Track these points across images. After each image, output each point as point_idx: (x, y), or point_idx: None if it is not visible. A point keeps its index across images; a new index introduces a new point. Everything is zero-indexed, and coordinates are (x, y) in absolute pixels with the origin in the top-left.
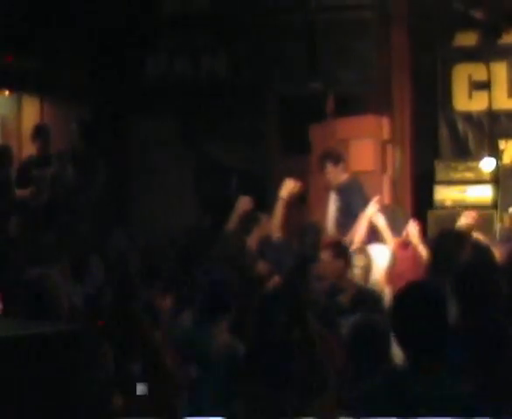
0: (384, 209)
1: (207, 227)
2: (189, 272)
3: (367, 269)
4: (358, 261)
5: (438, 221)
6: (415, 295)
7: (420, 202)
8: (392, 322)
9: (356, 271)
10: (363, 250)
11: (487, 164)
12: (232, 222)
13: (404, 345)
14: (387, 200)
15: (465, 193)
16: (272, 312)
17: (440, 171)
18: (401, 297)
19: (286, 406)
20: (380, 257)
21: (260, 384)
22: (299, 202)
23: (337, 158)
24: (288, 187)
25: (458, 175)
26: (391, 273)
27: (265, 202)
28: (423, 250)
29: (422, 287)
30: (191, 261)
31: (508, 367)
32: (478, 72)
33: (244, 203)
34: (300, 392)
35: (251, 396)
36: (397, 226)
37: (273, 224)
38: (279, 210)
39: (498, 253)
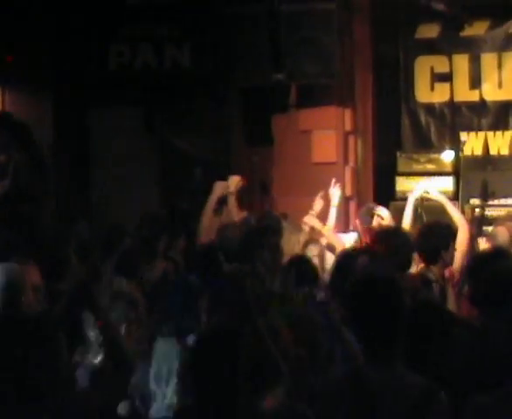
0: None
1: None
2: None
3: (321, 258)
4: (313, 250)
5: (399, 212)
6: (370, 286)
7: (382, 194)
8: (349, 312)
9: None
10: (316, 240)
11: (449, 156)
12: (209, 205)
13: (360, 335)
14: (349, 191)
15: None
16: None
17: (402, 162)
18: (357, 287)
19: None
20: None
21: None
22: (262, 193)
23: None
24: (234, 182)
25: (420, 167)
26: None
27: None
28: None
29: (377, 277)
30: (152, 251)
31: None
32: (440, 63)
33: (219, 187)
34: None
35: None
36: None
37: (230, 217)
38: (232, 204)
39: None
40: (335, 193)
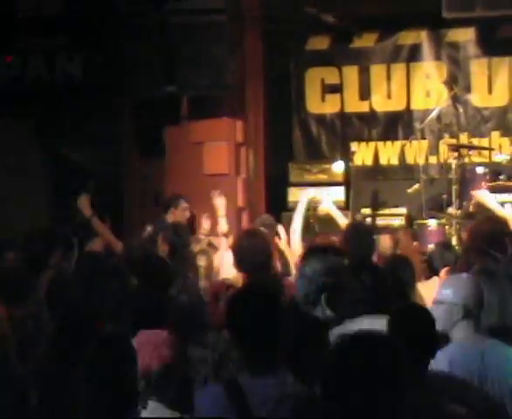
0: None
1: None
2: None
3: (209, 268)
4: (201, 261)
5: (291, 222)
6: (250, 293)
7: (274, 204)
8: (227, 320)
9: (200, 271)
10: (205, 251)
11: (340, 166)
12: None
13: (240, 344)
14: (241, 202)
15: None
16: None
17: (294, 173)
18: (236, 295)
19: None
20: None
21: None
22: (154, 205)
23: None
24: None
25: (311, 177)
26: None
27: (122, 204)
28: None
29: (256, 286)
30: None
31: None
32: (330, 75)
33: None
34: None
35: None
36: None
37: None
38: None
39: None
40: (219, 203)
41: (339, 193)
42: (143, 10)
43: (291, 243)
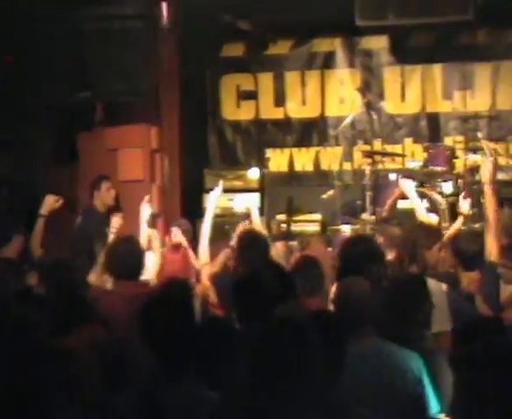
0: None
1: None
2: None
3: None
4: None
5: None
6: (163, 298)
7: (190, 211)
8: (140, 325)
9: None
10: None
11: (255, 172)
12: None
13: (153, 350)
14: (157, 209)
15: (234, 201)
16: None
17: (209, 180)
18: (147, 303)
19: None
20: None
21: None
22: (68, 213)
23: None
24: (48, 203)
25: (227, 184)
26: (162, 274)
27: (36, 212)
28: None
29: (170, 289)
30: None
31: None
32: (246, 81)
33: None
34: None
35: None
36: None
37: (33, 242)
38: (39, 228)
39: None
40: (144, 209)
41: (254, 199)
42: (58, 15)
43: (199, 247)
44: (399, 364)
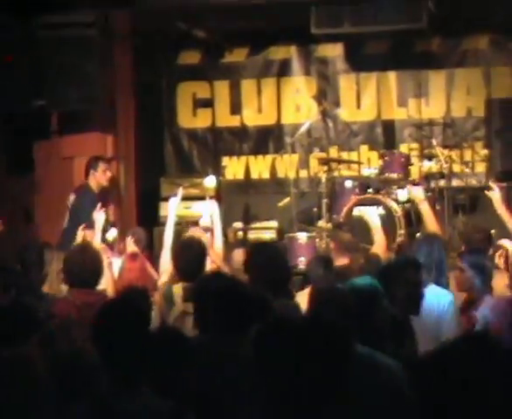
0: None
1: None
2: None
3: None
4: None
5: (163, 237)
6: (117, 306)
7: (146, 219)
8: (93, 334)
9: None
10: None
11: (211, 180)
12: None
13: (106, 359)
14: (113, 217)
15: (190, 209)
16: None
17: (166, 187)
18: (101, 311)
19: None
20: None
21: None
22: (26, 221)
23: None
24: None
25: (183, 192)
26: (120, 283)
27: None
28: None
29: (125, 298)
30: None
31: None
32: (202, 89)
33: None
34: None
35: None
36: None
37: None
38: None
39: None
40: (98, 217)
41: (214, 207)
42: (13, 23)
43: (161, 257)
44: None
